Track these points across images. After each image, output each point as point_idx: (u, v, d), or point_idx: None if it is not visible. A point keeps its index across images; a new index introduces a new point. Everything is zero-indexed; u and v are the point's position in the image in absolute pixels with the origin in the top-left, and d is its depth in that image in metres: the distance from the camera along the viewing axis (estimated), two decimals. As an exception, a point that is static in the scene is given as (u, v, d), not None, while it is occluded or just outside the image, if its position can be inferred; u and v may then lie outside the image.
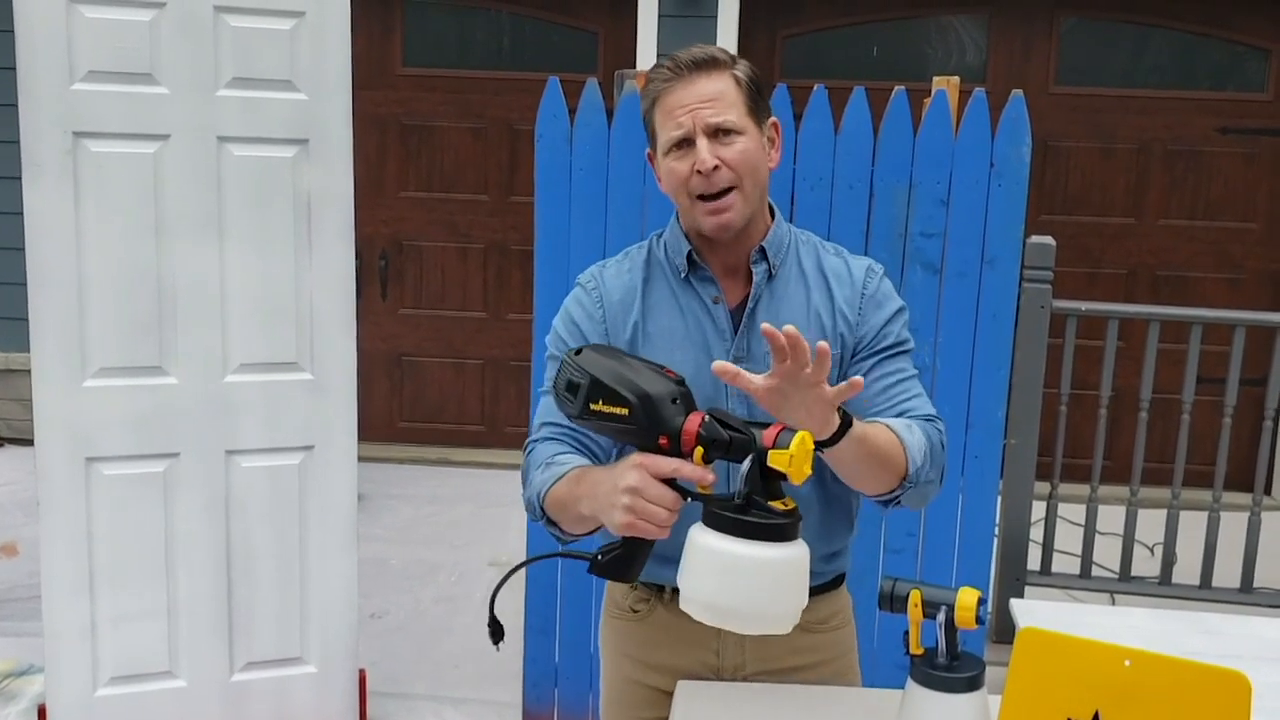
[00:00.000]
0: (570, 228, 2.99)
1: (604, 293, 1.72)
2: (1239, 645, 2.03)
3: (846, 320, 1.68)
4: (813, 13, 5.49)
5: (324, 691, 3.00)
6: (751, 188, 1.63)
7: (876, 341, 1.68)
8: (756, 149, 1.63)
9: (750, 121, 1.62)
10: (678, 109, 1.61)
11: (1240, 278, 5.49)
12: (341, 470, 2.93)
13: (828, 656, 1.77)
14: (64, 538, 2.74)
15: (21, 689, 3.32)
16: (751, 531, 1.35)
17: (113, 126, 2.62)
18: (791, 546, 1.37)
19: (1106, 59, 5.46)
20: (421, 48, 5.66)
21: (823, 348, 1.36)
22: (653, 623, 1.76)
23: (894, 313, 1.70)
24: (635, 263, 1.74)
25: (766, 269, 1.68)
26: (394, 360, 5.85)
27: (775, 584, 1.38)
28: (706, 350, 1.66)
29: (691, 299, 1.69)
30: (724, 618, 1.41)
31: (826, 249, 1.75)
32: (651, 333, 1.69)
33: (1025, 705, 1.38)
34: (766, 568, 1.36)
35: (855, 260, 1.74)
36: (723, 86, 1.61)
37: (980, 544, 3.05)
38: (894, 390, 1.66)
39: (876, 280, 1.71)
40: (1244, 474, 4.57)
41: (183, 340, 2.75)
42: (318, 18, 2.72)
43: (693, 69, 1.61)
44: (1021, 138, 2.84)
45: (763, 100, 1.67)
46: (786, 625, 1.42)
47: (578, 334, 1.71)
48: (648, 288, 1.71)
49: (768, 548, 1.36)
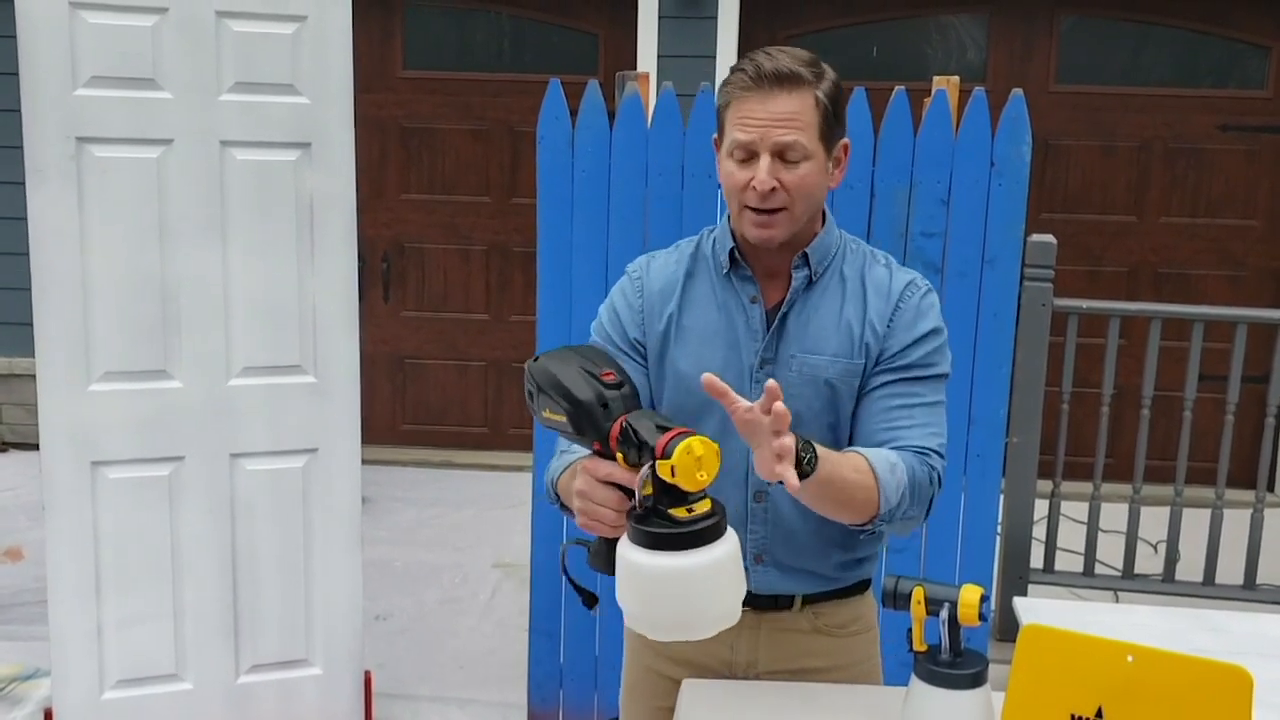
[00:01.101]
0: (572, 229, 3.00)
1: (646, 282, 1.75)
2: (1244, 642, 2.03)
3: (874, 331, 1.67)
4: (812, 13, 5.50)
5: (329, 693, 3.01)
6: (803, 210, 1.63)
7: (896, 359, 1.66)
8: (817, 174, 1.62)
9: (819, 145, 1.61)
10: (749, 119, 1.59)
11: (1241, 275, 5.49)
12: (345, 473, 2.94)
13: (845, 661, 1.77)
14: (69, 541, 2.75)
15: (27, 693, 3.33)
16: (650, 541, 1.32)
17: (116, 131, 2.63)
18: (697, 553, 1.31)
19: (1107, 57, 5.46)
20: (422, 50, 5.67)
21: (771, 386, 1.35)
22: None
23: (924, 334, 1.67)
24: (682, 255, 1.76)
25: (807, 275, 1.68)
26: (397, 363, 5.86)
27: (684, 591, 1.33)
28: (736, 349, 1.68)
29: (730, 296, 1.70)
30: (650, 628, 1.40)
31: (876, 259, 1.74)
32: (685, 326, 1.71)
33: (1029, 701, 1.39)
34: (668, 576, 1.32)
35: (901, 273, 1.72)
36: (799, 107, 1.58)
37: (983, 542, 3.05)
38: (895, 414, 1.65)
39: (916, 297, 1.69)
40: (1246, 471, 4.58)
41: (186, 344, 2.75)
42: (319, 22, 2.73)
43: (773, 82, 1.58)
44: (1022, 137, 2.85)
45: (838, 122, 1.64)
46: (710, 628, 1.39)
47: (616, 321, 1.75)
48: (690, 281, 1.73)
49: (667, 556, 1.31)
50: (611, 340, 1.76)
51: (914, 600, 1.48)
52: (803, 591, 1.75)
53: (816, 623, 1.76)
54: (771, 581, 1.73)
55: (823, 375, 1.66)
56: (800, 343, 1.67)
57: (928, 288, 1.72)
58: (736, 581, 1.38)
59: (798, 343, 1.67)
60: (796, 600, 1.75)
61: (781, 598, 1.75)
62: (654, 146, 2.95)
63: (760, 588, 1.73)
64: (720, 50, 5.27)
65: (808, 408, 1.66)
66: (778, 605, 1.75)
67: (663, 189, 2.96)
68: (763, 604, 1.74)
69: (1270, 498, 4.22)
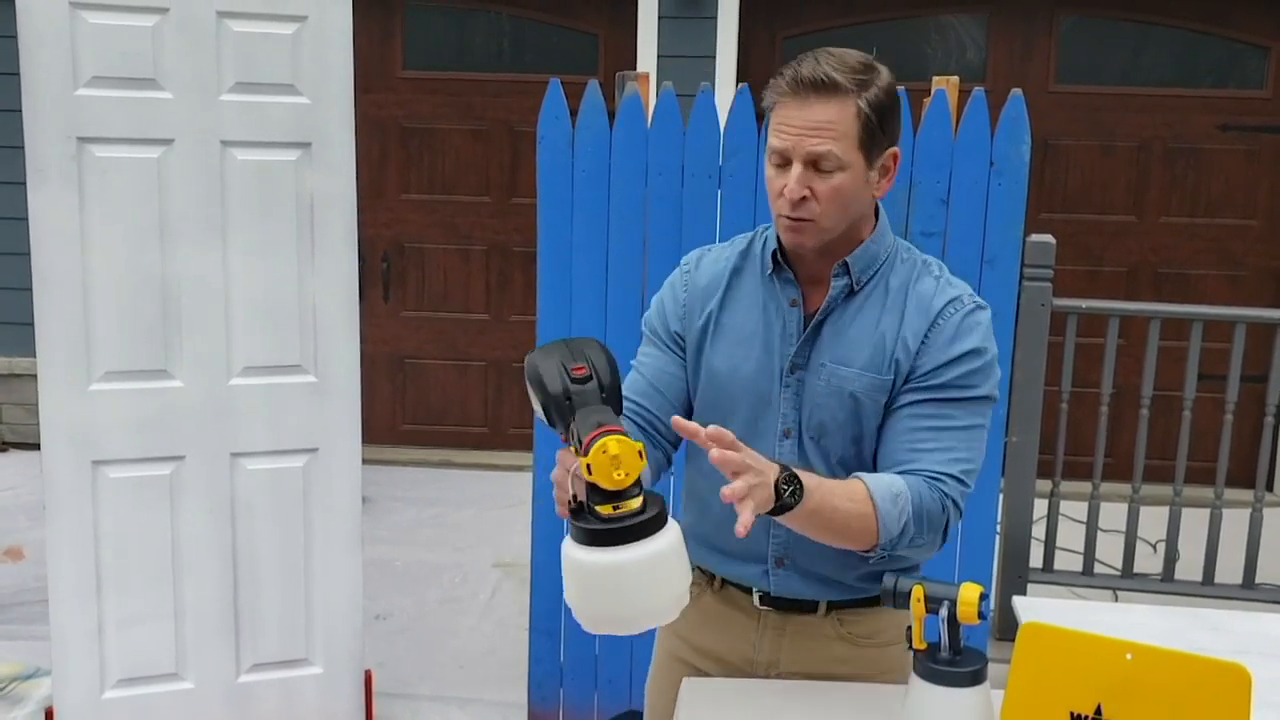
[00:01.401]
0: (572, 229, 3.00)
1: (694, 277, 1.77)
2: (1244, 641, 2.03)
3: (906, 347, 1.63)
4: (812, 13, 5.50)
5: (330, 692, 3.01)
6: (835, 220, 1.61)
7: (928, 378, 1.62)
8: (853, 184, 1.58)
9: (857, 155, 1.57)
10: (785, 126, 1.58)
11: (1241, 274, 5.50)
12: (345, 472, 2.94)
13: (868, 671, 1.75)
14: (70, 541, 2.75)
15: (28, 692, 3.34)
16: (580, 537, 1.35)
17: (117, 131, 2.64)
18: (625, 549, 1.32)
19: (1106, 57, 5.47)
20: (421, 50, 5.67)
21: (713, 433, 1.39)
22: (701, 607, 1.80)
23: (961, 354, 1.62)
24: (734, 252, 1.76)
25: (848, 284, 1.66)
26: (396, 363, 5.86)
27: (614, 586, 1.35)
28: (770, 351, 1.68)
29: (771, 298, 1.70)
30: (586, 622, 1.43)
31: (929, 270, 1.69)
32: (724, 324, 1.72)
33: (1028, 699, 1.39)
34: (596, 571, 1.34)
35: (948, 289, 1.67)
36: (836, 115, 1.55)
37: (982, 542, 3.06)
38: (920, 435, 1.62)
39: (957, 315, 1.64)
40: (1245, 470, 4.58)
41: (187, 343, 2.76)
42: (319, 22, 2.73)
43: (810, 89, 1.55)
44: (1021, 137, 2.86)
45: (883, 132, 1.59)
46: (643, 624, 1.41)
47: (661, 313, 1.78)
48: (735, 279, 1.73)
49: (596, 552, 1.33)
50: (655, 332, 1.78)
51: (914, 598, 1.48)
52: (825, 598, 1.74)
53: (841, 630, 1.75)
54: (793, 586, 1.73)
55: (848, 388, 1.63)
56: (832, 352, 1.65)
57: (974, 305, 1.66)
58: (669, 578, 1.38)
59: (830, 352, 1.65)
60: (821, 606, 1.74)
61: (805, 602, 1.74)
62: (654, 146, 2.96)
63: (782, 591, 1.73)
64: (720, 50, 5.27)
65: (832, 419, 1.65)
66: (801, 609, 1.75)
67: (663, 189, 2.97)
68: (785, 606, 1.74)
69: (1269, 497, 4.23)
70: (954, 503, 1.62)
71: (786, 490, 1.46)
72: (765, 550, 1.72)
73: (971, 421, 1.64)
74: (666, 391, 1.74)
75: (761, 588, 1.75)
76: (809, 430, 1.67)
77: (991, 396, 1.66)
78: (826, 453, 1.66)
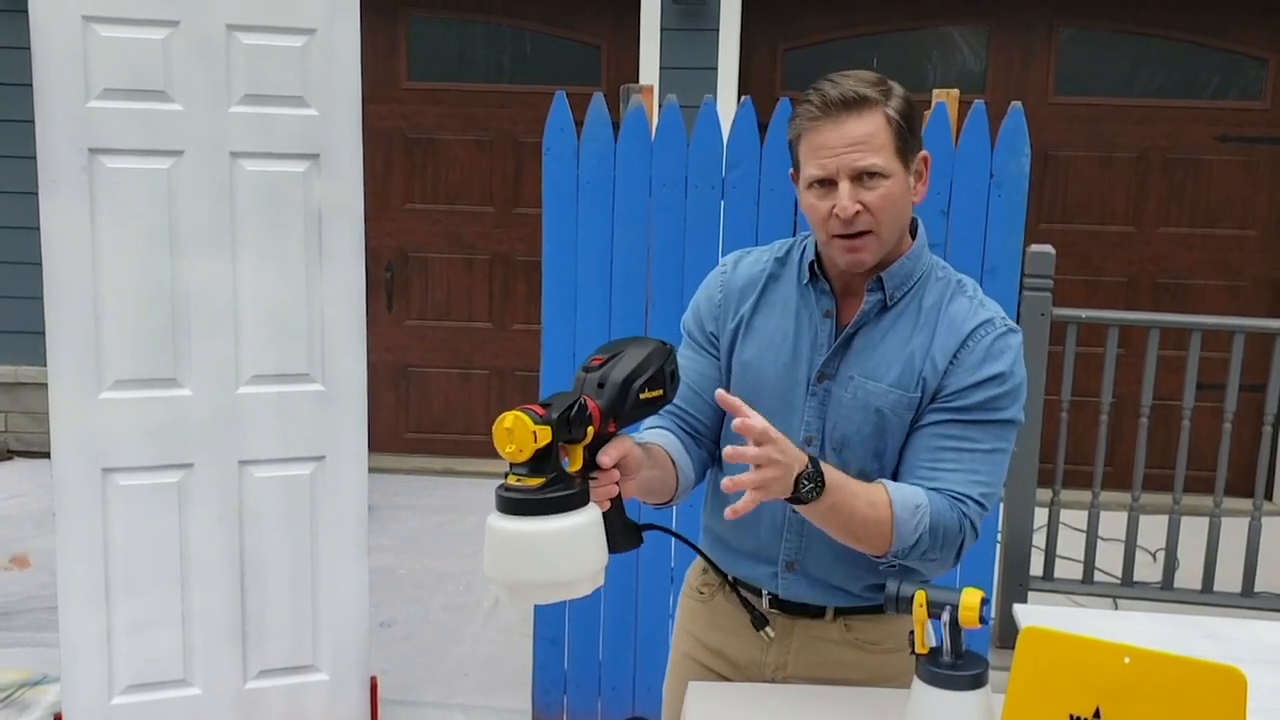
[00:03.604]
0: (577, 239, 3.03)
1: (730, 278, 1.79)
2: (1241, 649, 2.04)
3: (934, 366, 1.63)
4: (813, 25, 5.54)
5: (336, 699, 3.03)
6: (889, 230, 1.61)
7: (954, 399, 1.62)
8: (899, 190, 1.60)
9: (897, 162, 1.59)
10: (823, 150, 1.58)
11: (1239, 284, 5.52)
12: (352, 480, 2.97)
13: (873, 677, 1.76)
14: (80, 547, 2.77)
15: (35, 698, 3.36)
16: (499, 505, 1.43)
17: (128, 143, 2.66)
18: (520, 520, 1.41)
19: (1105, 69, 5.50)
20: (426, 62, 5.71)
21: (748, 426, 1.44)
22: (714, 607, 1.85)
23: (989, 378, 1.62)
24: (772, 257, 1.78)
25: (881, 299, 1.66)
26: (400, 371, 5.89)
27: (523, 553, 1.42)
28: (799, 358, 1.70)
29: (805, 306, 1.71)
30: (489, 579, 1.48)
31: (963, 290, 1.69)
32: (755, 327, 1.74)
33: (1028, 703, 1.42)
34: (491, 534, 1.44)
35: (980, 311, 1.66)
36: (872, 128, 1.57)
37: (983, 550, 3.07)
38: (942, 454, 1.62)
39: (988, 338, 1.63)
40: (1244, 479, 4.60)
41: (196, 352, 2.78)
42: (327, 34, 2.76)
43: (841, 108, 1.56)
44: (1020, 148, 2.88)
45: (913, 136, 1.61)
46: (528, 596, 1.48)
47: (696, 314, 1.81)
48: (771, 283, 1.75)
49: (494, 516, 1.43)
50: (691, 333, 1.82)
51: (916, 603, 1.50)
52: (833, 604, 1.76)
53: (848, 635, 1.77)
54: (800, 590, 1.75)
55: (875, 403, 1.65)
56: (861, 366, 1.66)
57: (1006, 329, 1.65)
58: (562, 558, 1.43)
59: (859, 365, 1.66)
60: (828, 611, 1.76)
61: (812, 607, 1.76)
62: (658, 158, 2.99)
63: (790, 594, 1.76)
64: (721, 61, 5.31)
65: (856, 432, 1.67)
66: (809, 613, 1.77)
67: (667, 200, 3.00)
68: (794, 610, 1.77)
69: (1268, 505, 4.25)
70: (971, 524, 1.63)
71: (806, 486, 1.49)
72: (777, 553, 1.74)
73: (995, 445, 1.64)
74: (704, 393, 1.77)
75: (770, 590, 1.77)
76: (832, 441, 1.68)
77: (1016, 420, 1.66)
78: (847, 464, 1.67)
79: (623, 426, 1.52)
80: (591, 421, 1.45)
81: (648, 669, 3.21)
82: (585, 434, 1.45)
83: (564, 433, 1.41)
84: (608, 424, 1.48)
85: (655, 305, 3.03)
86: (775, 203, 2.97)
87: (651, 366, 1.53)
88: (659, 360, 1.55)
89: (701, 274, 3.12)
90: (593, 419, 1.45)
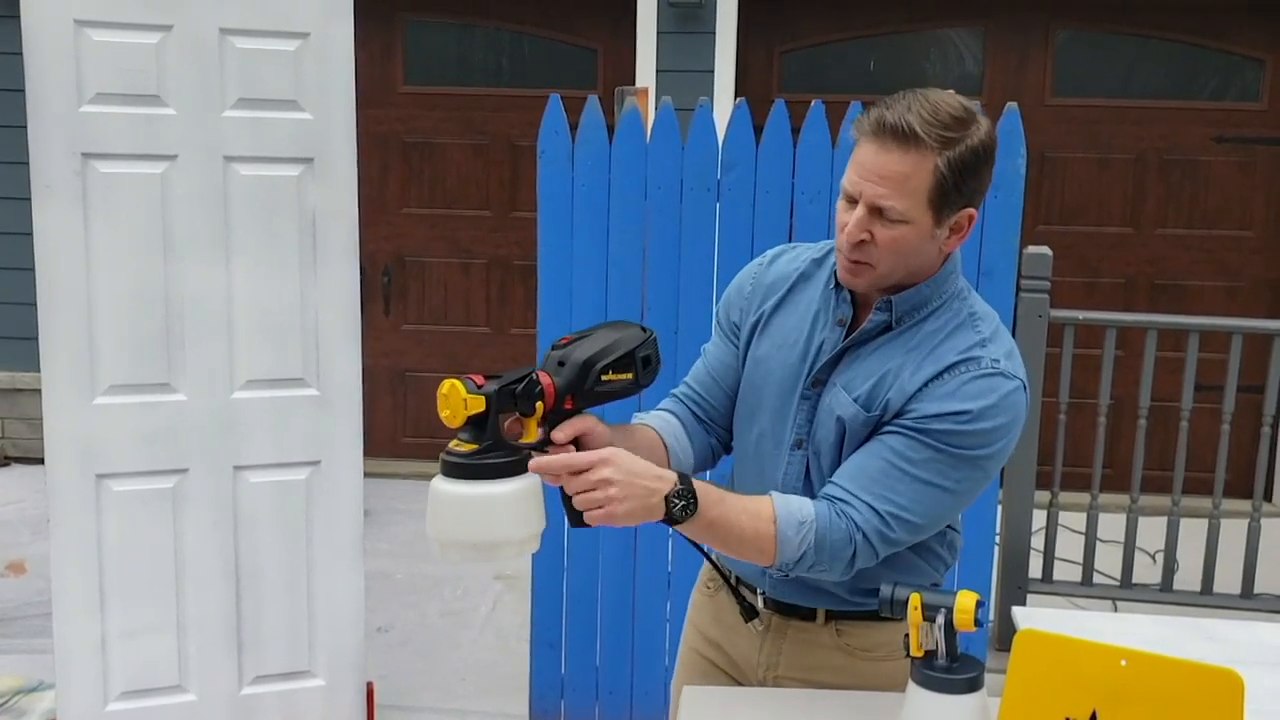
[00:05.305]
0: (572, 243, 3.02)
1: (764, 272, 1.80)
2: (1241, 650, 2.04)
3: (903, 389, 1.59)
4: (810, 28, 5.54)
5: (332, 704, 3.02)
6: (890, 269, 1.58)
7: (907, 417, 1.58)
8: (916, 238, 1.54)
9: (925, 212, 1.52)
10: (859, 167, 1.55)
11: (1237, 285, 5.52)
12: (347, 484, 2.96)
13: (866, 685, 1.74)
14: (75, 554, 2.77)
15: (31, 705, 3.35)
16: (440, 468, 1.49)
17: (121, 147, 2.66)
18: (470, 485, 1.46)
19: (1102, 70, 5.50)
20: (422, 65, 5.71)
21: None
22: (717, 603, 1.88)
23: (952, 412, 1.55)
24: (809, 257, 1.77)
25: (887, 320, 1.64)
26: (397, 376, 5.88)
27: (450, 512, 1.48)
28: (804, 359, 1.70)
29: (825, 310, 1.71)
30: (438, 547, 1.51)
31: (974, 324, 1.62)
32: (773, 325, 1.75)
33: (1024, 705, 1.41)
34: (435, 498, 1.49)
35: (976, 349, 1.59)
36: (909, 170, 1.50)
37: (981, 552, 3.07)
38: (868, 462, 1.59)
39: (966, 375, 1.57)
40: (1243, 480, 4.60)
41: (191, 357, 2.78)
42: (321, 38, 2.76)
43: (890, 136, 1.50)
44: (1016, 150, 2.88)
45: (958, 192, 1.52)
46: (478, 554, 1.50)
47: (726, 301, 1.83)
48: (801, 283, 1.75)
49: (445, 482, 1.48)
50: (719, 321, 1.84)
51: (911, 606, 1.50)
52: (822, 607, 1.75)
53: (840, 641, 1.76)
54: (788, 591, 1.75)
55: (838, 411, 1.64)
56: (844, 376, 1.66)
57: (992, 371, 1.57)
58: (488, 522, 1.48)
59: (843, 376, 1.66)
60: (819, 614, 1.76)
61: (803, 608, 1.76)
62: (653, 161, 2.98)
63: (779, 594, 1.77)
64: (718, 65, 5.30)
65: (825, 438, 1.67)
66: (801, 614, 1.77)
67: (662, 203, 2.99)
68: (785, 610, 1.77)
69: (1267, 507, 4.24)
70: (865, 536, 1.57)
71: (677, 504, 1.50)
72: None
73: (933, 478, 1.57)
74: (722, 381, 1.80)
75: (761, 587, 1.78)
76: (812, 445, 1.69)
77: (976, 462, 1.58)
78: (823, 471, 1.67)
79: (586, 406, 1.56)
80: (542, 397, 1.50)
81: (645, 673, 3.20)
82: (533, 409, 1.49)
83: (507, 404, 1.47)
84: (563, 401, 1.52)
85: (651, 308, 3.03)
86: (771, 205, 2.97)
87: (619, 350, 1.55)
88: (630, 344, 1.57)
89: (697, 276, 3.13)
90: (544, 395, 1.49)
